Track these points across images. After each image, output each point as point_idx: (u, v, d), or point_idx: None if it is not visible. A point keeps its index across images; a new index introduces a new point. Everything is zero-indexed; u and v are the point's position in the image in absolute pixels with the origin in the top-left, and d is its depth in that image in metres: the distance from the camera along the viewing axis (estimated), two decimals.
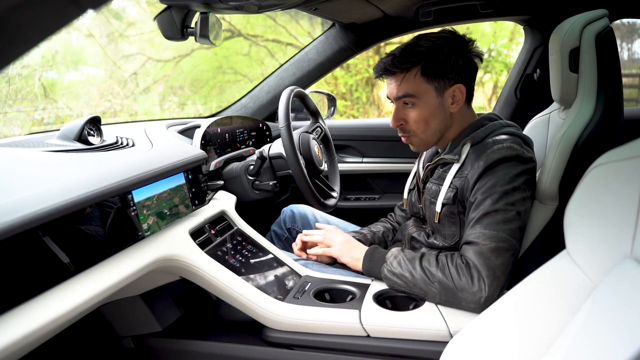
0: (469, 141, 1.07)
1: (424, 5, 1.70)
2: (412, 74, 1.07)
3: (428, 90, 1.07)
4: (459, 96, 1.08)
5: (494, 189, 0.98)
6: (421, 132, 1.11)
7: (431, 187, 1.13)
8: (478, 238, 0.97)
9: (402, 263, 1.03)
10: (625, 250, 0.49)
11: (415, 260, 1.01)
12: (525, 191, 1.01)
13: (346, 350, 0.97)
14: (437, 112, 1.09)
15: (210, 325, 1.13)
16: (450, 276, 0.96)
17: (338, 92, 5.13)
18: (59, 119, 3.80)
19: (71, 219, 0.80)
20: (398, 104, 1.11)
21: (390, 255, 1.06)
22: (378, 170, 2.09)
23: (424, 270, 0.99)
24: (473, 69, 1.10)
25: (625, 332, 0.42)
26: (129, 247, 0.93)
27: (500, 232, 0.96)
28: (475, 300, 0.93)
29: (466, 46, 1.08)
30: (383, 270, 1.05)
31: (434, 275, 0.97)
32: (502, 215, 0.97)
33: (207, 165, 1.40)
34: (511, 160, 1.00)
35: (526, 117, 1.82)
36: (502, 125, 1.09)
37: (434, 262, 1.00)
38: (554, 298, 0.58)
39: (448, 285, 0.95)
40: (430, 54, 1.05)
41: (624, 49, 4.33)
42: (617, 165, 0.53)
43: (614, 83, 1.11)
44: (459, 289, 0.94)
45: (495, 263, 0.94)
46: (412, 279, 1.00)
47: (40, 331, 0.68)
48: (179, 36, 1.29)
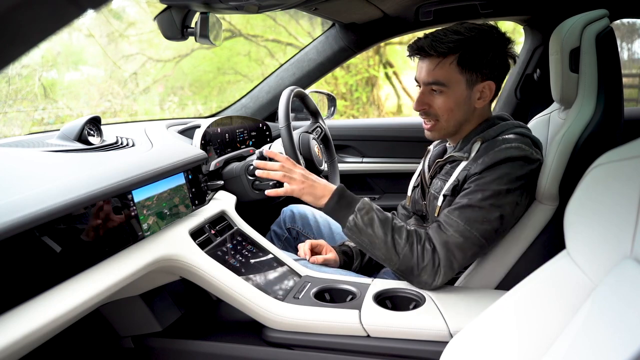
0: (479, 139, 1.07)
1: (424, 5, 1.70)
2: (448, 61, 1.05)
3: (459, 81, 1.06)
4: (487, 93, 1.08)
5: (489, 185, 0.98)
6: (444, 120, 1.10)
7: (437, 182, 1.14)
8: (450, 226, 0.99)
9: (374, 223, 1.01)
10: (625, 250, 0.49)
11: (388, 226, 1.01)
12: (521, 196, 1.00)
13: (346, 350, 0.97)
14: (463, 104, 1.08)
15: (210, 325, 1.13)
16: (415, 254, 0.99)
17: (338, 92, 5.13)
18: (59, 119, 3.80)
19: (71, 219, 0.80)
20: (426, 88, 1.09)
21: (362, 207, 1.03)
22: (378, 170, 2.09)
23: (394, 239, 1.00)
24: (506, 69, 1.09)
25: (625, 332, 0.42)
26: (129, 247, 0.93)
27: (473, 231, 0.97)
28: (427, 283, 1.00)
29: (505, 45, 1.07)
30: (350, 220, 1.02)
31: (402, 248, 1.00)
32: (484, 213, 0.97)
33: (207, 165, 1.40)
34: (517, 160, 0.99)
35: (526, 117, 1.82)
36: (513, 125, 1.09)
37: (404, 235, 1.01)
38: (554, 298, 0.58)
39: (410, 262, 0.99)
40: (470, 45, 1.03)
41: (624, 49, 4.33)
42: (617, 165, 0.53)
43: (614, 83, 1.11)
44: (418, 269, 0.99)
45: (456, 257, 0.98)
46: (378, 243, 1.01)
47: (40, 331, 0.68)
48: (179, 36, 1.29)
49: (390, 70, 5.28)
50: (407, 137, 2.05)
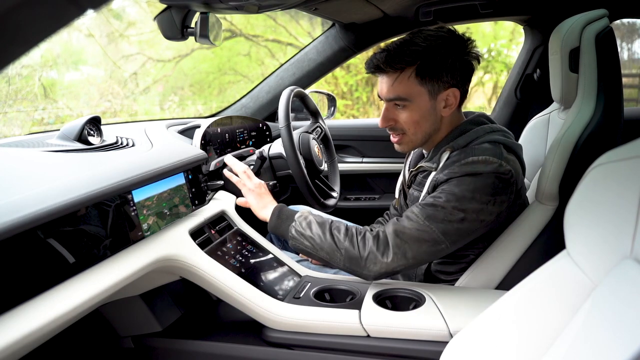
0: (448, 149, 1.04)
1: (424, 5, 1.70)
2: (407, 74, 1.02)
3: (421, 92, 1.03)
4: (452, 100, 1.04)
5: (452, 189, 0.97)
6: (412, 134, 1.08)
7: (413, 192, 1.14)
8: (409, 219, 0.99)
9: (312, 225, 1.05)
10: (625, 251, 0.49)
11: (325, 225, 1.05)
12: (488, 204, 0.98)
13: (346, 350, 0.97)
14: (429, 115, 1.05)
15: (210, 325, 1.13)
16: (356, 245, 1.00)
17: (338, 91, 5.13)
18: (59, 119, 3.80)
19: (71, 219, 0.80)
20: (389, 104, 1.08)
21: (300, 215, 1.09)
22: (378, 170, 2.09)
23: (332, 235, 1.03)
24: (469, 71, 1.06)
25: (625, 332, 0.42)
26: (129, 247, 0.93)
27: (432, 226, 0.97)
28: (374, 270, 0.99)
29: (465, 47, 1.03)
30: (290, 229, 1.07)
31: (342, 242, 1.01)
32: (444, 213, 0.97)
33: (207, 165, 1.40)
34: (481, 175, 0.96)
35: (526, 117, 1.82)
36: (485, 132, 1.05)
37: (342, 230, 1.03)
38: (554, 298, 0.58)
39: (354, 254, 1.00)
40: (427, 55, 1.00)
41: (624, 49, 4.33)
42: (617, 166, 0.53)
43: (614, 83, 1.11)
44: (362, 260, 0.99)
45: (411, 248, 0.97)
46: (320, 242, 1.03)
47: (40, 331, 0.68)
48: (179, 36, 1.29)
49: None
50: None
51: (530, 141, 1.41)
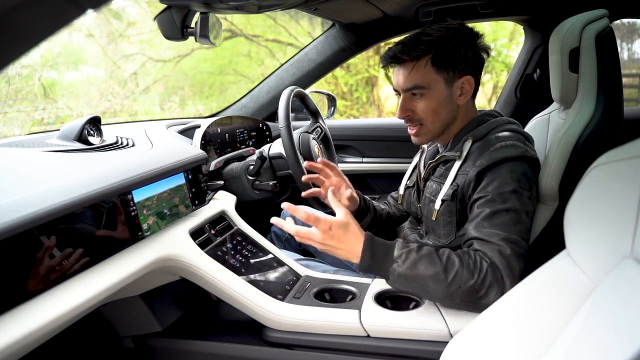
0: (470, 137, 1.06)
1: (424, 5, 1.70)
2: (423, 63, 1.05)
3: (438, 80, 1.05)
4: (467, 88, 1.07)
5: (501, 187, 0.96)
6: (430, 123, 1.09)
7: (432, 185, 1.12)
8: (493, 237, 0.92)
9: (418, 264, 0.90)
10: (625, 251, 0.49)
11: (435, 260, 0.90)
12: (530, 190, 1.00)
13: (346, 350, 0.97)
14: (446, 103, 1.07)
15: (210, 325, 1.13)
16: (475, 277, 0.88)
17: (338, 91, 5.13)
18: (59, 119, 3.80)
19: (71, 219, 0.80)
20: (406, 95, 1.09)
21: (400, 254, 0.92)
22: (378, 170, 2.09)
23: (446, 272, 0.88)
24: (481, 63, 1.09)
25: (625, 332, 0.42)
26: (129, 247, 0.93)
27: (513, 234, 0.92)
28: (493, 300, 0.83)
29: (475, 39, 1.07)
30: (392, 272, 0.91)
31: (459, 277, 0.88)
32: (513, 215, 0.94)
33: (207, 165, 1.40)
34: (515, 159, 0.99)
35: (526, 117, 1.82)
36: (504, 122, 1.09)
37: (456, 262, 0.89)
38: (554, 298, 0.58)
39: (472, 287, 0.88)
40: (441, 44, 1.03)
41: (624, 49, 4.33)
42: (617, 165, 0.53)
43: (614, 83, 1.11)
44: (484, 290, 0.88)
45: (513, 264, 0.90)
46: (430, 284, 0.89)
47: (40, 331, 0.68)
48: (179, 36, 1.29)
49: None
50: (407, 137, 2.03)
51: None
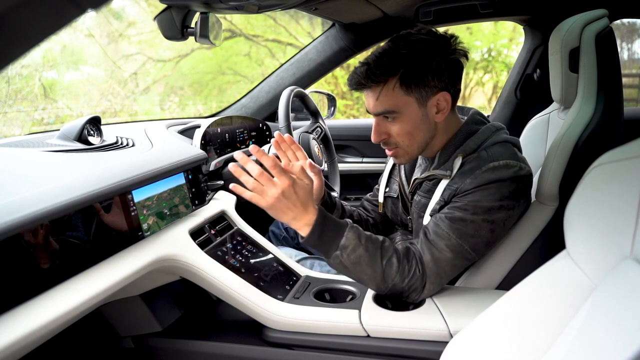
0: (460, 154, 1.00)
1: (424, 5, 1.70)
2: (390, 86, 0.97)
3: (409, 102, 0.98)
4: (443, 104, 0.99)
5: (479, 202, 0.95)
6: (406, 146, 1.03)
7: (420, 200, 1.09)
8: (440, 238, 0.95)
9: (361, 260, 0.92)
10: (625, 250, 0.49)
11: (377, 261, 0.93)
12: (513, 209, 0.98)
13: (346, 350, 0.97)
14: (422, 123, 1.00)
15: (210, 325, 1.13)
16: (405, 281, 0.94)
17: (338, 91, 5.13)
18: (59, 119, 3.80)
19: (71, 219, 0.80)
20: (378, 119, 1.02)
21: (348, 244, 0.91)
22: (378, 170, 2.09)
23: (384, 273, 0.93)
24: (458, 70, 1.00)
25: (625, 332, 0.42)
26: (129, 247, 0.93)
27: (464, 244, 0.95)
28: (414, 299, 0.98)
29: (448, 46, 0.97)
30: (333, 256, 0.92)
31: (392, 279, 0.93)
32: (474, 228, 0.95)
33: (207, 165, 1.40)
34: (507, 180, 0.95)
35: (526, 117, 1.82)
36: (491, 132, 1.02)
37: (394, 266, 0.93)
38: (554, 298, 0.58)
39: (399, 287, 0.95)
40: (409, 61, 0.95)
41: (624, 49, 4.33)
42: (617, 165, 0.53)
43: (614, 83, 1.11)
44: (407, 290, 0.96)
45: (447, 272, 0.97)
46: (366, 279, 0.95)
47: (40, 331, 0.68)
48: (179, 36, 1.29)
49: None
50: None
51: (530, 141, 1.41)
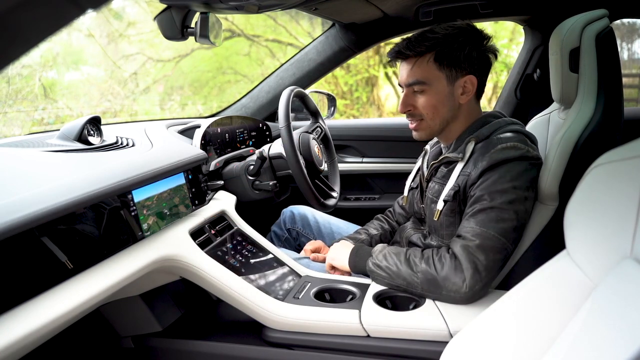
0: (473, 139, 1.07)
1: (424, 5, 1.70)
2: (425, 59, 1.06)
3: (439, 77, 1.07)
4: (469, 87, 1.08)
5: (493, 186, 0.98)
6: (430, 119, 1.10)
7: (434, 186, 1.13)
8: (467, 233, 0.99)
9: (387, 256, 1.07)
10: (625, 250, 0.49)
11: (401, 254, 1.06)
12: (527, 190, 1.00)
13: (346, 350, 0.97)
14: (446, 100, 1.08)
15: (210, 325, 1.13)
16: (433, 266, 0.99)
17: (338, 91, 5.14)
18: (59, 119, 3.80)
19: (71, 219, 0.80)
20: (408, 90, 1.11)
21: (376, 249, 1.11)
22: (378, 170, 2.09)
23: (409, 261, 1.03)
24: (487, 64, 1.10)
25: (625, 332, 0.42)
26: (129, 247, 0.93)
27: (490, 230, 0.97)
28: (455, 290, 0.96)
29: (482, 40, 1.08)
30: (368, 263, 1.09)
31: (418, 266, 1.01)
32: (497, 213, 0.97)
33: (207, 165, 1.40)
34: (515, 160, 0.99)
35: (526, 117, 1.82)
36: (506, 123, 1.09)
37: (419, 254, 1.03)
38: (554, 298, 0.58)
39: (431, 275, 0.99)
40: (445, 42, 1.05)
41: (624, 49, 4.33)
42: (617, 165, 0.53)
43: (614, 83, 1.11)
44: (440, 279, 0.97)
45: (479, 259, 0.96)
46: (396, 270, 1.03)
47: (40, 331, 0.68)
48: (179, 36, 1.29)
49: (390, 70, 5.28)
50: (407, 137, 2.05)
51: None
